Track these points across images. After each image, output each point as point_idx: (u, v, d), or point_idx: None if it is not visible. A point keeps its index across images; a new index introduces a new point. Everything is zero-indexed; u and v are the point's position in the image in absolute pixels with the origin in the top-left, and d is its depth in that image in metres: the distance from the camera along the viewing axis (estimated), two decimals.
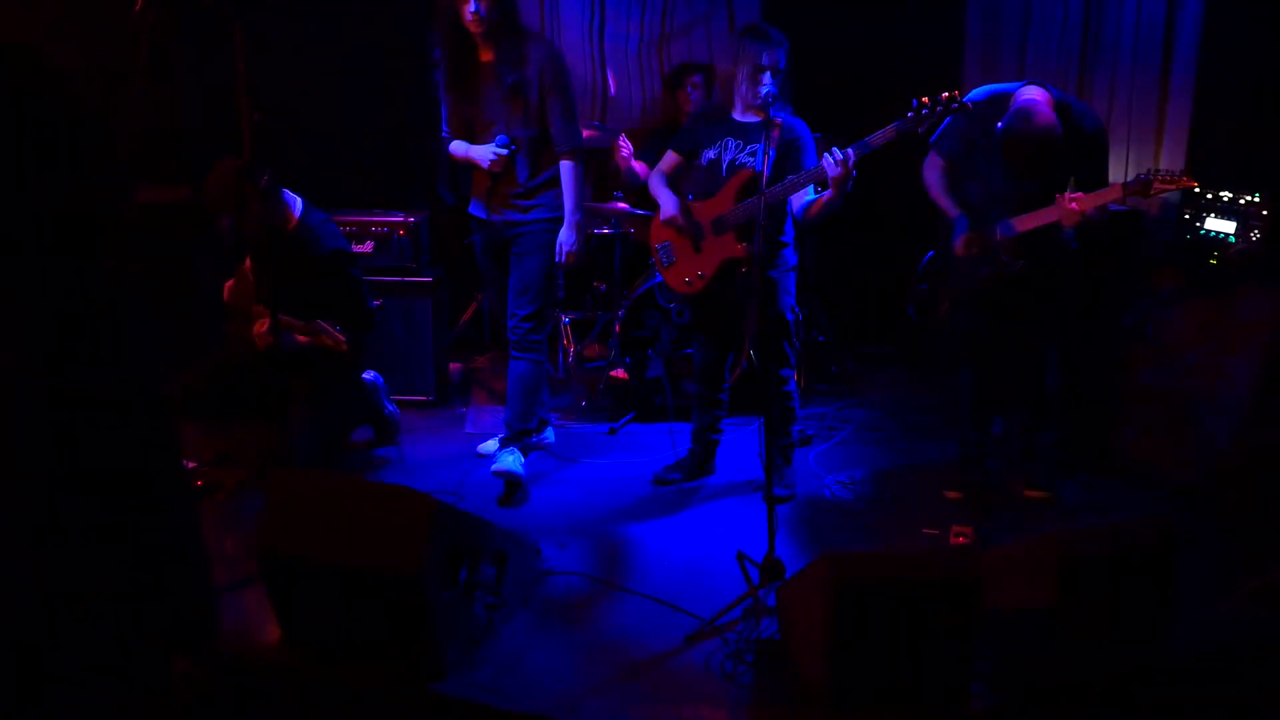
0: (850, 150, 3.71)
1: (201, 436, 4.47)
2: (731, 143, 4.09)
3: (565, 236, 4.18)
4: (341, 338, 4.16)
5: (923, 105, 3.63)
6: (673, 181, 4.30)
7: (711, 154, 4.15)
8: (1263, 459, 3.81)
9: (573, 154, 4.13)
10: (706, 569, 3.72)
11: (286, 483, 3.06)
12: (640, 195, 5.84)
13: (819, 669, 2.84)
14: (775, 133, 3.93)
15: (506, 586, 3.29)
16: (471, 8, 3.93)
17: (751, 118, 4.07)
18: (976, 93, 4.00)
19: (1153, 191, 3.66)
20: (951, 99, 3.62)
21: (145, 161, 5.09)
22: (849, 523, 4.13)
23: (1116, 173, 5.24)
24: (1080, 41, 5.32)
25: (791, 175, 3.91)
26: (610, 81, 6.35)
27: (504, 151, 4.11)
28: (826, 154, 3.73)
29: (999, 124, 3.76)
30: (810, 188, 3.91)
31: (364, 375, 4.62)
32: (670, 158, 4.31)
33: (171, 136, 5.09)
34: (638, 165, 5.68)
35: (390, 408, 4.76)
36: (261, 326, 4.17)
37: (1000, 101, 3.89)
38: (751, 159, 4.01)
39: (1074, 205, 3.72)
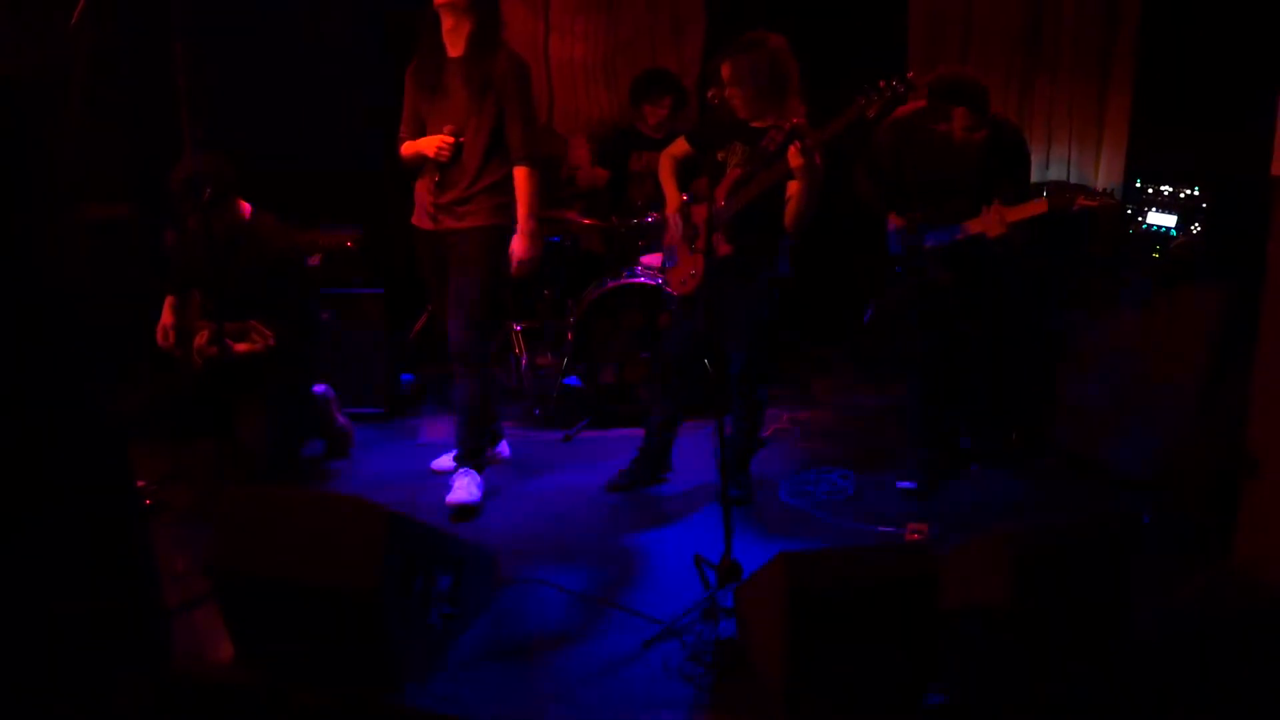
0: (809, 138, 3.74)
1: (148, 456, 4.40)
2: (740, 146, 4.08)
3: (518, 244, 4.14)
4: (269, 332, 4.14)
5: (877, 88, 3.67)
6: (682, 171, 4.28)
7: (721, 155, 4.12)
8: (1208, 450, 3.88)
9: (529, 161, 4.09)
10: (664, 573, 3.73)
11: (237, 498, 3.03)
12: (590, 204, 5.87)
13: (777, 670, 2.86)
14: (778, 135, 3.94)
15: (463, 596, 3.27)
16: None
17: (758, 122, 4.05)
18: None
19: (1075, 207, 3.90)
20: (905, 81, 3.66)
21: (86, 178, 5.02)
22: (805, 522, 4.15)
23: (1059, 171, 5.34)
24: (1023, 43, 5.40)
25: (762, 170, 3.91)
26: (555, 96, 6.37)
27: (450, 139, 4.06)
28: (790, 147, 3.75)
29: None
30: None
31: (315, 388, 4.58)
32: (681, 144, 4.30)
33: (112, 153, 5.03)
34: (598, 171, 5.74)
35: (341, 420, 4.72)
36: (201, 339, 4.14)
37: (924, 113, 4.08)
38: (753, 164, 4.00)
39: (996, 218, 3.96)
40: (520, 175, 4.09)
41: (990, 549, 2.97)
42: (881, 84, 3.68)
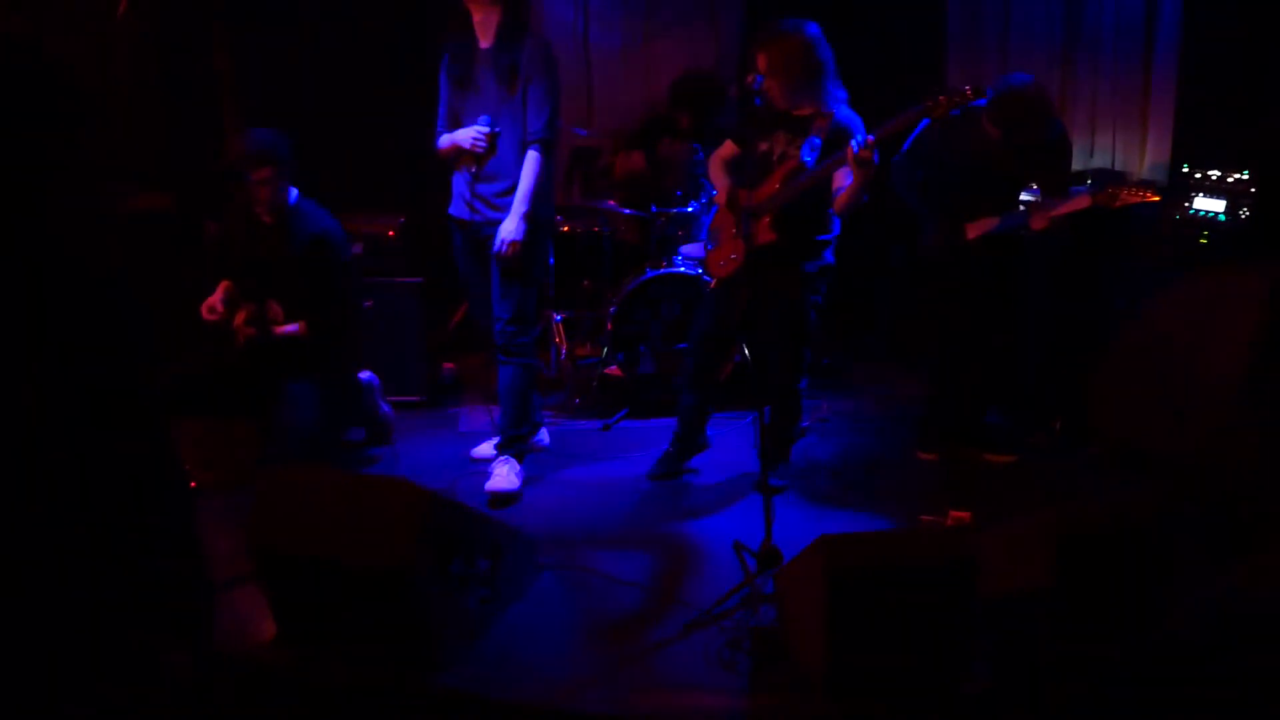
0: (871, 135, 3.73)
1: (191, 437, 4.44)
2: (783, 135, 4.07)
3: (507, 225, 4.08)
4: (281, 313, 4.20)
5: (940, 97, 3.68)
6: (731, 168, 4.28)
7: (764, 145, 4.11)
8: (1255, 436, 3.80)
9: (542, 144, 4.07)
10: (703, 560, 3.72)
11: (278, 478, 3.06)
12: (628, 195, 5.86)
13: (817, 655, 2.84)
14: (824, 123, 3.95)
15: (501, 580, 3.28)
16: None
17: (800, 111, 4.04)
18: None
19: (1118, 203, 3.89)
20: (975, 92, 3.66)
21: (130, 169, 5.08)
22: (845, 511, 4.12)
23: (1103, 159, 5.27)
24: (1062, 35, 5.34)
25: (825, 161, 3.90)
26: (595, 86, 6.37)
27: (485, 130, 4.06)
28: (851, 140, 3.73)
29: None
30: (847, 175, 3.88)
31: (360, 375, 4.61)
32: (729, 146, 4.31)
33: (156, 144, 5.09)
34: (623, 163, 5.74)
35: (384, 408, 4.75)
36: (240, 318, 4.18)
37: (972, 114, 4.11)
38: (797, 152, 3.99)
39: (1043, 215, 4.01)
40: (530, 158, 4.07)
41: (1034, 531, 2.93)
42: (943, 98, 3.69)
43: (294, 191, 4.31)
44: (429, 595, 2.92)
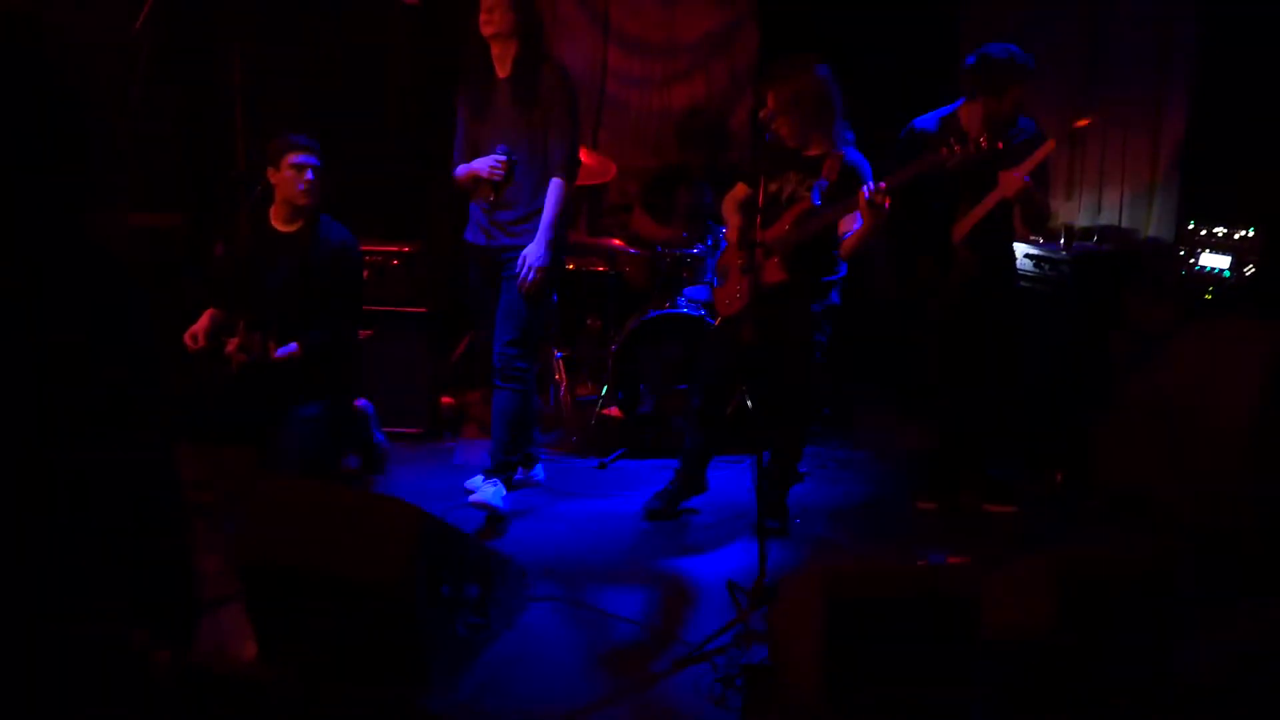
0: (884, 182, 3.75)
1: (188, 459, 4.40)
2: (794, 175, 4.08)
3: (533, 251, 4.08)
4: (255, 338, 4.16)
5: (954, 148, 3.74)
6: (742, 208, 4.29)
7: (773, 186, 4.13)
8: (1261, 489, 3.77)
9: (564, 172, 4.09)
10: (697, 598, 3.67)
11: (270, 491, 3.01)
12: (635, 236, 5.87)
13: (812, 689, 2.77)
14: (834, 164, 3.97)
15: (490, 608, 3.22)
16: (486, 11, 3.98)
17: (809, 151, 4.08)
18: (925, 119, 4.29)
19: (1074, 126, 4.18)
20: (979, 144, 3.74)
21: (139, 188, 5.10)
22: (842, 555, 4.08)
23: (1111, 216, 5.29)
24: (1077, 73, 5.38)
25: (833, 206, 3.93)
26: (605, 110, 6.42)
27: (503, 158, 4.08)
28: (863, 189, 3.75)
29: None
30: (855, 220, 3.90)
31: (356, 402, 4.58)
32: (741, 188, 4.33)
33: (169, 162, 5.10)
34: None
35: (379, 437, 4.71)
36: (233, 344, 4.15)
37: (947, 120, 4.20)
38: (809, 193, 4.01)
39: (1015, 173, 3.98)
40: (554, 186, 4.09)
41: (1035, 573, 2.89)
42: (958, 148, 3.75)
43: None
44: (420, 614, 2.86)
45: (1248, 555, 3.77)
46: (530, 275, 4.08)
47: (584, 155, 5.60)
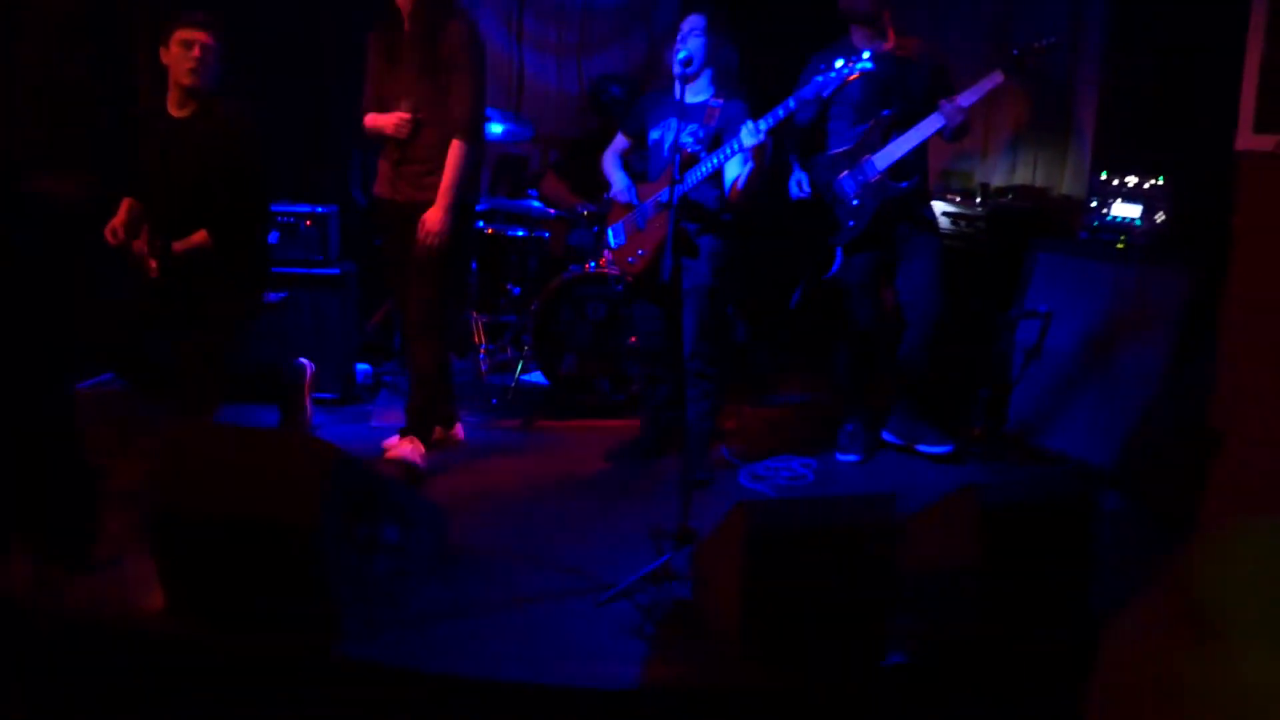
0: (762, 120, 3.77)
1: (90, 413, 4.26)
2: (675, 123, 4.08)
3: (430, 215, 4.00)
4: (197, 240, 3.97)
5: (834, 69, 3.72)
6: (625, 163, 4.33)
7: (656, 135, 4.18)
8: (1173, 433, 3.85)
9: (467, 135, 4.01)
10: (621, 545, 3.63)
11: (176, 436, 2.91)
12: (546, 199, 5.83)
13: (732, 622, 2.77)
14: (717, 113, 3.98)
15: (411, 551, 3.16)
16: None
17: (695, 99, 4.09)
18: (821, 53, 4.27)
19: (1029, 64, 3.97)
20: (864, 62, 3.70)
21: (40, 150, 4.91)
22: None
23: (1026, 175, 5.37)
24: (990, 30, 5.46)
25: (718, 151, 3.92)
26: (527, 73, 6.37)
27: (408, 115, 4.02)
28: (742, 126, 3.77)
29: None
30: (740, 163, 3.92)
31: (298, 360, 4.48)
32: (620, 140, 4.36)
33: (70, 129, 4.91)
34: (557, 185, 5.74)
35: (311, 409, 4.55)
36: (141, 242, 3.98)
37: (843, 43, 4.24)
38: (690, 140, 4.01)
39: (961, 102, 3.98)
40: (454, 148, 4.01)
41: (958, 505, 2.90)
42: (839, 65, 3.73)
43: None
44: (333, 557, 2.79)
45: (1160, 502, 3.85)
46: (428, 240, 4.01)
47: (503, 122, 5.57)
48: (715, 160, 3.93)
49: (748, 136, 3.75)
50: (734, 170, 3.95)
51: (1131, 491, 3.93)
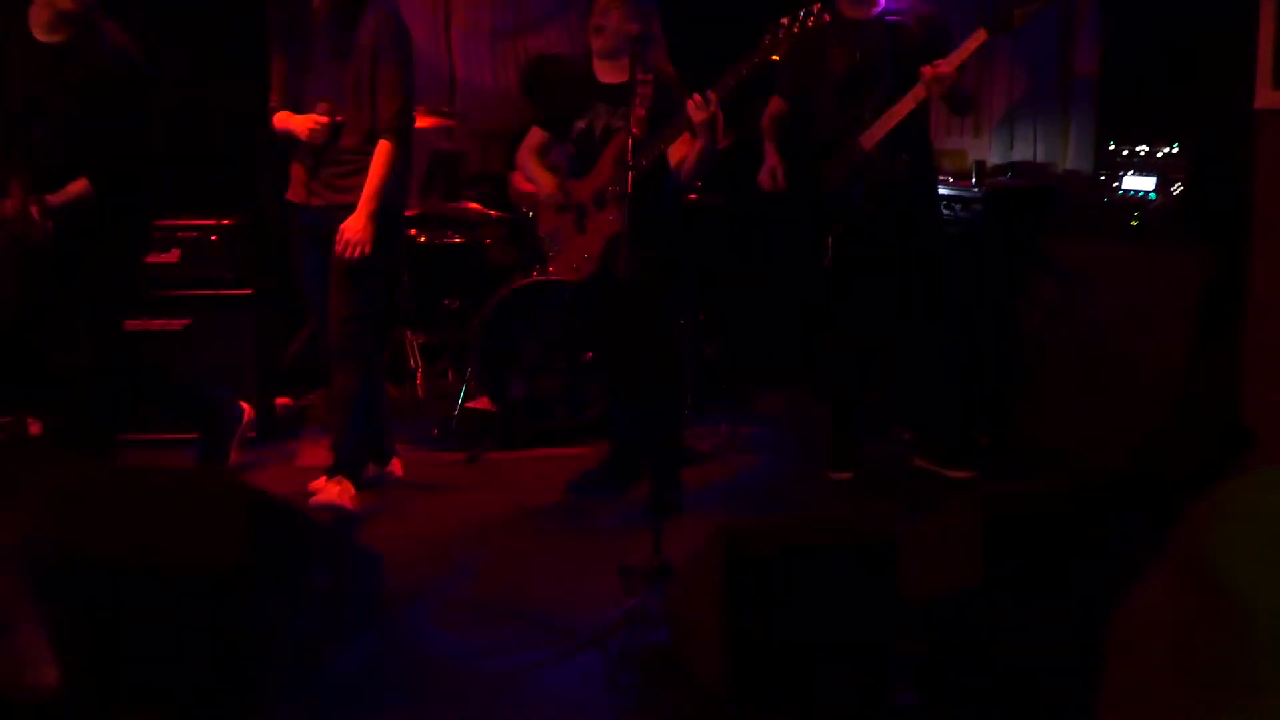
0: (711, 91, 3.79)
1: None
2: (602, 108, 4.11)
3: (352, 225, 3.98)
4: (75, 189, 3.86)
5: (780, 26, 3.74)
6: (545, 159, 4.37)
7: (581, 124, 4.20)
8: (1196, 429, 3.91)
9: (393, 134, 4.02)
10: (586, 587, 3.64)
11: (71, 477, 2.90)
12: (493, 193, 5.85)
13: (714, 664, 2.78)
14: (647, 90, 3.98)
15: (344, 601, 3.16)
16: None
17: (617, 77, 4.12)
18: None
19: (1017, 22, 3.94)
20: (812, 13, 3.71)
21: None
22: None
23: (1025, 150, 5.45)
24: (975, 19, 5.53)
25: (662, 132, 3.94)
26: (458, 64, 6.39)
27: (324, 119, 4.01)
28: (689, 99, 3.80)
29: None
30: (685, 143, 3.97)
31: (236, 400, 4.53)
32: (537, 134, 4.38)
33: None
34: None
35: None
36: (10, 206, 3.82)
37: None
38: (625, 122, 4.03)
39: (942, 68, 3.94)
40: (381, 150, 4.01)
41: (962, 517, 2.93)
42: (785, 20, 3.74)
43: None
44: (255, 612, 2.77)
45: (1184, 503, 3.89)
46: (349, 251, 3.99)
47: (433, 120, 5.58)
48: (659, 142, 3.94)
49: (696, 110, 3.77)
50: (680, 151, 3.99)
51: (1153, 498, 3.97)
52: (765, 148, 4.52)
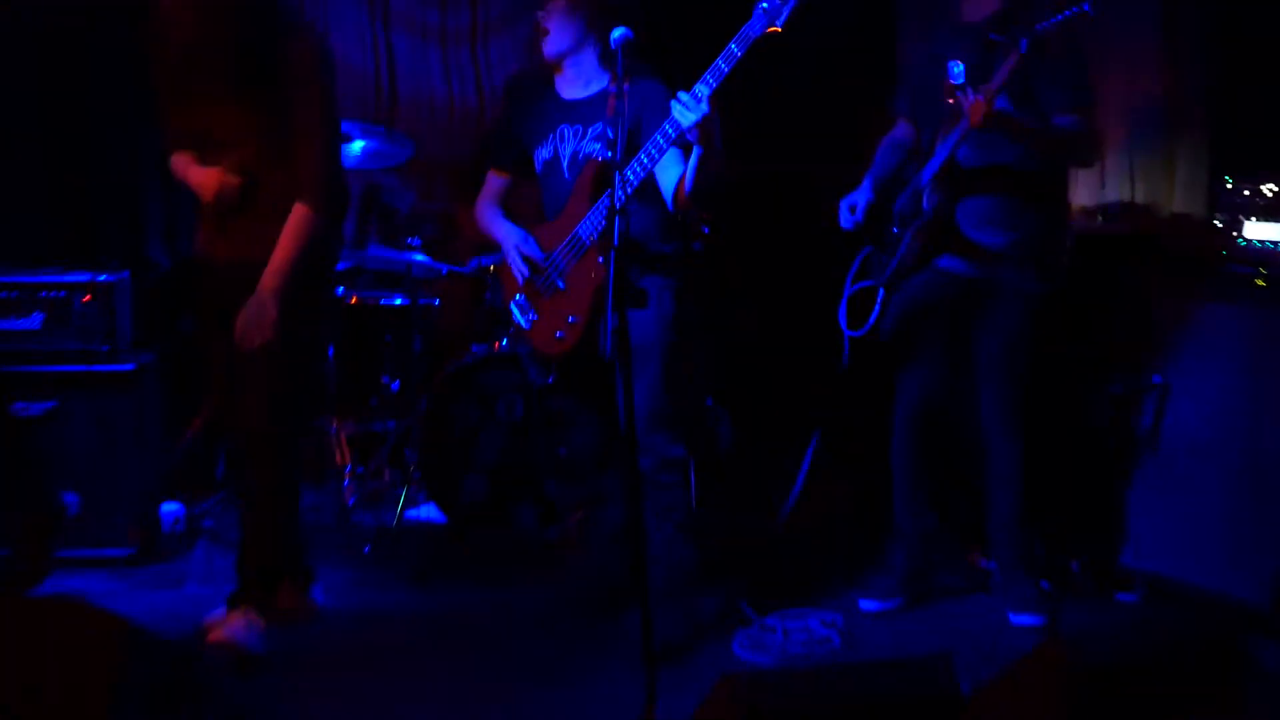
0: (701, 83, 3.79)
1: None
2: (567, 130, 4.14)
3: (250, 307, 3.99)
4: None
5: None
6: (509, 208, 4.43)
7: (545, 153, 4.27)
8: None
9: (316, 199, 4.05)
10: None
11: None
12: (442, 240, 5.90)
13: None
14: (622, 103, 4.00)
15: None
16: None
17: (582, 91, 4.21)
18: None
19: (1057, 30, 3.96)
20: None
21: None
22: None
23: (1117, 190, 5.50)
24: None
25: (645, 149, 3.97)
26: (399, 69, 6.47)
27: (232, 180, 4.05)
28: (673, 102, 3.80)
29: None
30: (677, 162, 3.99)
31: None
32: (495, 180, 4.48)
33: None
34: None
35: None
36: None
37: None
38: (599, 145, 4.07)
39: (979, 99, 3.99)
40: (298, 216, 4.03)
41: (1041, 667, 2.92)
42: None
43: None
44: None
45: None
46: (245, 342, 4.00)
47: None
48: (644, 163, 3.96)
49: (685, 113, 3.78)
50: (672, 170, 4.02)
51: None
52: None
